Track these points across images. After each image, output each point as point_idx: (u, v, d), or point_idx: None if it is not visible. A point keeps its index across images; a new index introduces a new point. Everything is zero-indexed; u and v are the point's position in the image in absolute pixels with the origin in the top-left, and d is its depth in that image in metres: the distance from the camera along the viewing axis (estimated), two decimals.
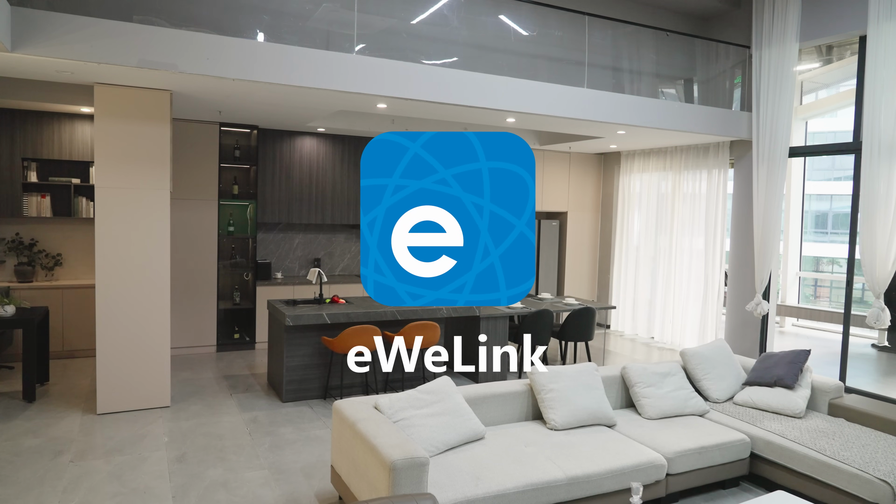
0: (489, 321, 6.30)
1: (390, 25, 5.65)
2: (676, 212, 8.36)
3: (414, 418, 3.52)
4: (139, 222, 5.09)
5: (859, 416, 4.32)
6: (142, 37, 4.32)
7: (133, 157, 5.04)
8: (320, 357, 5.66)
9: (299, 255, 8.27)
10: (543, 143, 8.71)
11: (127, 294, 5.07)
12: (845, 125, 6.79)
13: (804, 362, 4.61)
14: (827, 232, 10.75)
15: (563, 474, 3.38)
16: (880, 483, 3.47)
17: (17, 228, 6.66)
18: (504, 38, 6.23)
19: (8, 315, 5.17)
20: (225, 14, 5.02)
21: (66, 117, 6.64)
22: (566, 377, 4.16)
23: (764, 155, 6.75)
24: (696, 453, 3.87)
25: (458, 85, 5.45)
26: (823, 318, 8.81)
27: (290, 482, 3.95)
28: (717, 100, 7.31)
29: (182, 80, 4.77)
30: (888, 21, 5.55)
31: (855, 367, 7.26)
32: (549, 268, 9.50)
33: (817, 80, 7.74)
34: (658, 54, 7.06)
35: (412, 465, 2.94)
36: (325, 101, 5.61)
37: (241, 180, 7.71)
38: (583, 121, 6.28)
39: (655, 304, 8.69)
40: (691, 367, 4.75)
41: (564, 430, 3.97)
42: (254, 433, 4.77)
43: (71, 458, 4.20)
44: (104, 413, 5.05)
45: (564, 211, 9.53)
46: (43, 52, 4.09)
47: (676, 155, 8.37)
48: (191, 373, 6.38)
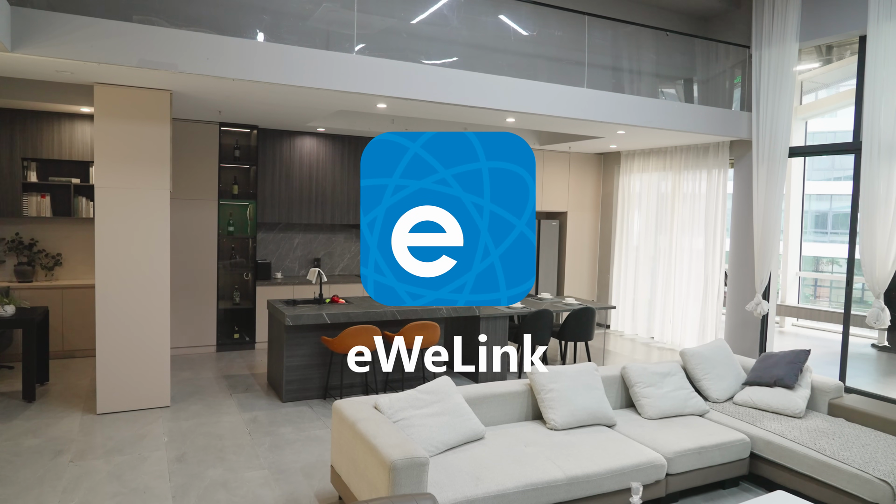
0: (489, 321, 6.30)
1: (390, 25, 5.65)
2: (676, 212, 8.36)
3: (414, 418, 3.52)
4: (139, 222, 5.09)
5: (859, 416, 4.32)
6: (142, 37, 4.32)
7: (133, 157, 5.04)
8: (320, 357, 5.66)
9: (299, 255, 8.27)
10: (543, 143, 8.71)
11: (127, 294, 5.07)
12: (845, 125, 6.79)
13: (804, 362, 4.62)
14: (827, 232, 10.75)
15: (563, 474, 3.38)
16: (880, 483, 3.47)
17: (17, 228, 6.66)
18: (504, 38, 6.23)
19: (8, 315, 5.17)
20: (225, 14, 5.02)
21: (66, 117, 6.64)
22: (566, 377, 4.16)
23: (764, 155, 6.76)
24: (696, 453, 3.87)
25: (458, 85, 5.45)
26: (823, 318, 8.81)
27: (290, 482, 3.95)
28: (717, 100, 7.31)
29: (182, 80, 4.77)
30: (888, 21, 5.55)
31: (855, 367, 7.26)
32: (548, 268, 9.50)
33: (817, 80, 7.74)
34: (658, 54, 7.06)
35: (412, 465, 2.94)
36: (325, 101, 5.61)
37: (240, 180, 7.71)
38: (583, 121, 6.29)
39: (655, 304, 8.69)
40: (691, 367, 4.75)
41: (564, 430, 3.97)
42: (254, 433, 4.77)
43: (71, 458, 4.20)
44: (104, 413, 5.05)
45: (564, 211, 9.53)
46: (43, 52, 4.09)
47: (676, 155, 8.37)
48: (191, 373, 6.38)
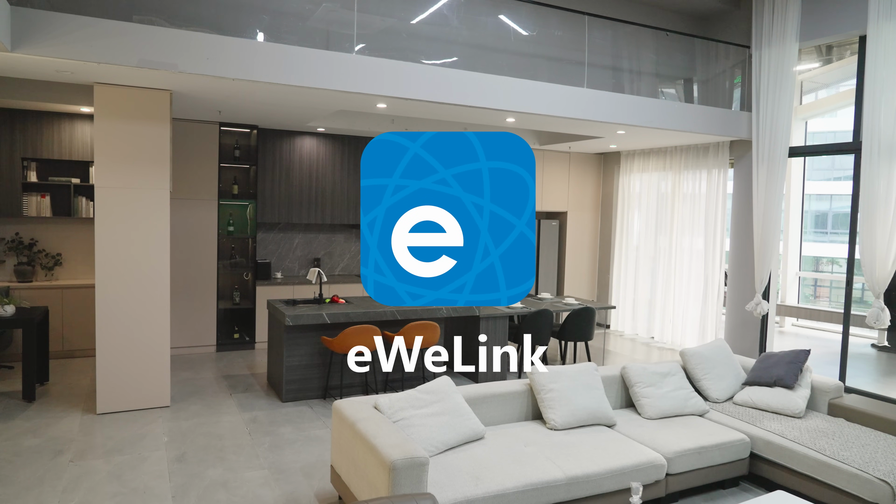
0: (489, 321, 6.30)
1: (390, 25, 5.65)
2: (676, 212, 8.36)
3: (414, 418, 3.52)
4: (139, 222, 5.09)
5: (859, 416, 4.32)
6: (142, 37, 4.32)
7: (133, 157, 5.04)
8: (320, 357, 5.66)
9: (299, 255, 8.27)
10: (543, 143, 8.71)
11: (127, 294, 5.07)
12: (845, 125, 6.79)
13: (804, 362, 4.61)
14: (827, 232, 10.75)
15: (562, 474, 3.38)
16: (880, 483, 3.47)
17: (17, 228, 6.67)
18: (504, 38, 6.23)
19: (8, 315, 5.17)
20: (225, 14, 5.03)
21: (66, 117, 6.64)
22: (566, 377, 4.16)
23: (764, 155, 6.76)
24: (696, 453, 3.87)
25: (458, 85, 5.45)
26: (823, 318, 8.81)
27: (290, 482, 3.95)
28: (717, 100, 7.31)
29: (182, 80, 4.77)
30: (888, 21, 5.55)
31: (855, 367, 7.26)
32: (549, 268, 9.50)
33: (817, 80, 7.74)
34: (658, 54, 7.06)
35: (412, 464, 2.94)
36: (325, 100, 5.61)
37: (240, 180, 7.71)
38: (583, 121, 6.29)
39: (655, 304, 8.69)
40: (691, 367, 4.75)
41: (564, 430, 3.97)
42: (254, 433, 4.77)
43: (71, 457, 4.20)
44: (104, 413, 5.05)
45: (564, 211, 9.52)
46: (43, 52, 4.09)
47: (676, 155, 8.37)
48: (191, 373, 6.38)
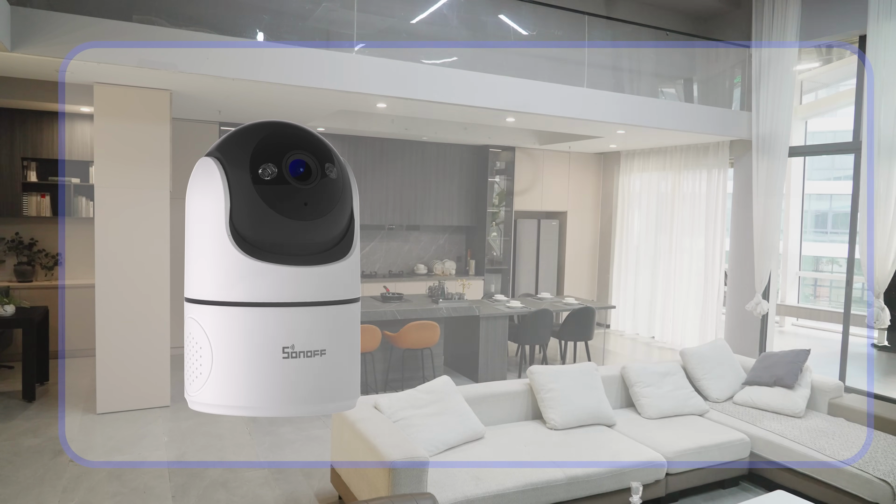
0: (489, 321, 6.30)
1: (390, 25, 5.65)
2: (676, 211, 8.36)
3: (414, 418, 3.52)
4: (139, 222, 5.08)
5: (859, 415, 4.32)
6: (142, 37, 4.32)
7: (133, 156, 5.03)
8: None
9: None
10: (543, 143, 8.71)
11: (127, 294, 5.07)
12: (845, 125, 6.79)
13: (804, 362, 4.61)
14: (827, 232, 10.75)
15: (562, 474, 3.38)
16: (880, 483, 3.47)
17: (16, 228, 6.66)
18: (504, 37, 6.23)
19: (8, 315, 5.17)
20: (225, 14, 5.03)
21: (66, 117, 6.63)
22: (566, 377, 4.16)
23: (764, 155, 6.75)
24: (696, 453, 3.87)
25: (458, 85, 5.44)
26: (823, 317, 8.81)
27: (290, 482, 3.95)
28: (717, 99, 7.31)
29: (182, 80, 4.77)
30: (888, 21, 5.55)
31: (854, 366, 7.26)
32: (548, 267, 9.49)
33: (817, 80, 7.73)
34: (658, 54, 7.06)
35: (412, 464, 2.94)
36: (325, 100, 5.61)
37: None
38: (583, 120, 6.28)
39: (655, 304, 8.68)
40: (691, 367, 4.75)
41: (564, 430, 3.97)
42: (254, 433, 4.77)
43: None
44: (104, 413, 5.05)
45: (564, 211, 9.52)
46: (43, 52, 4.09)
47: (676, 155, 8.36)
48: None
